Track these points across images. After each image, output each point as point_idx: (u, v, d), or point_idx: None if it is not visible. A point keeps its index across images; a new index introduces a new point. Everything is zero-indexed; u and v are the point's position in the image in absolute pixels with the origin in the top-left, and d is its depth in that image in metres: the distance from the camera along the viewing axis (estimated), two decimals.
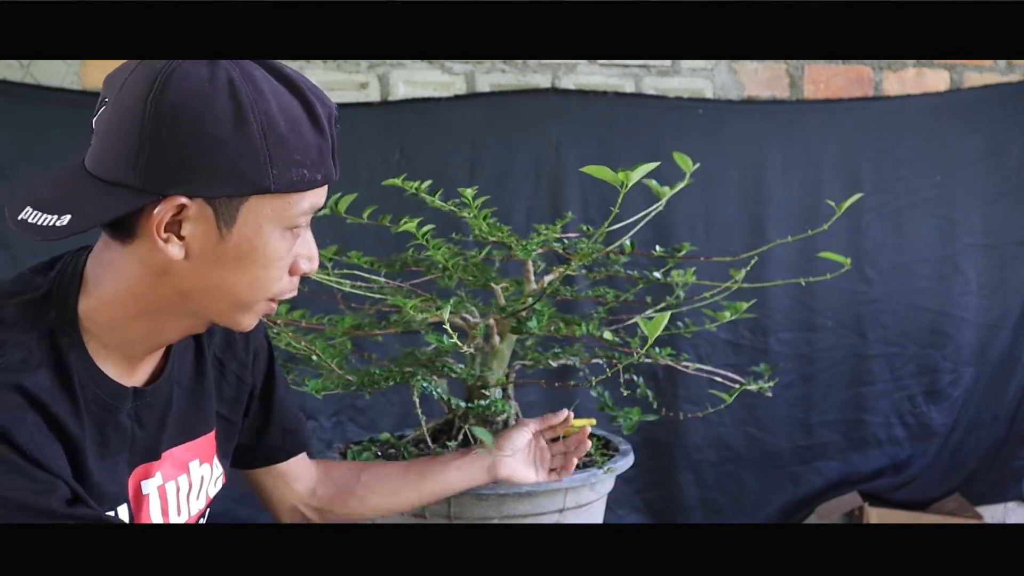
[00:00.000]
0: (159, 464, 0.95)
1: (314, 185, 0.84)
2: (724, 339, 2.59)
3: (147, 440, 0.92)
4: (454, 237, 1.39)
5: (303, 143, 0.81)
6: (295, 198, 0.83)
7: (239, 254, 0.83)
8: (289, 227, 0.84)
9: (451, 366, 1.37)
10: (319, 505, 1.18)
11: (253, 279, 0.85)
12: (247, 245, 0.83)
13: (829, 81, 2.73)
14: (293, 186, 0.82)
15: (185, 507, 0.99)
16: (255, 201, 0.81)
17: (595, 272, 1.46)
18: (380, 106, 2.45)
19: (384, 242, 1.74)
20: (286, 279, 0.88)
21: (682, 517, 2.64)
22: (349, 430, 2.43)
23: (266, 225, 0.83)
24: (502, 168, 2.48)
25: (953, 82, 2.79)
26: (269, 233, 0.83)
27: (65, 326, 0.84)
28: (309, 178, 0.82)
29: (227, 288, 0.85)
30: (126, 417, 0.89)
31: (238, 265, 0.84)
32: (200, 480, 1.02)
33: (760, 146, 2.63)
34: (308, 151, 0.82)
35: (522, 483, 1.19)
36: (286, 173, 0.81)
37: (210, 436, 1.03)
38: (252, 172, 0.80)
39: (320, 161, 0.83)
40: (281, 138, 0.80)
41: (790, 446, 2.70)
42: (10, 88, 2.24)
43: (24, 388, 0.79)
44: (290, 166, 0.81)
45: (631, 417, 1.35)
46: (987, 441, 2.79)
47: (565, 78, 2.56)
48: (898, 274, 2.72)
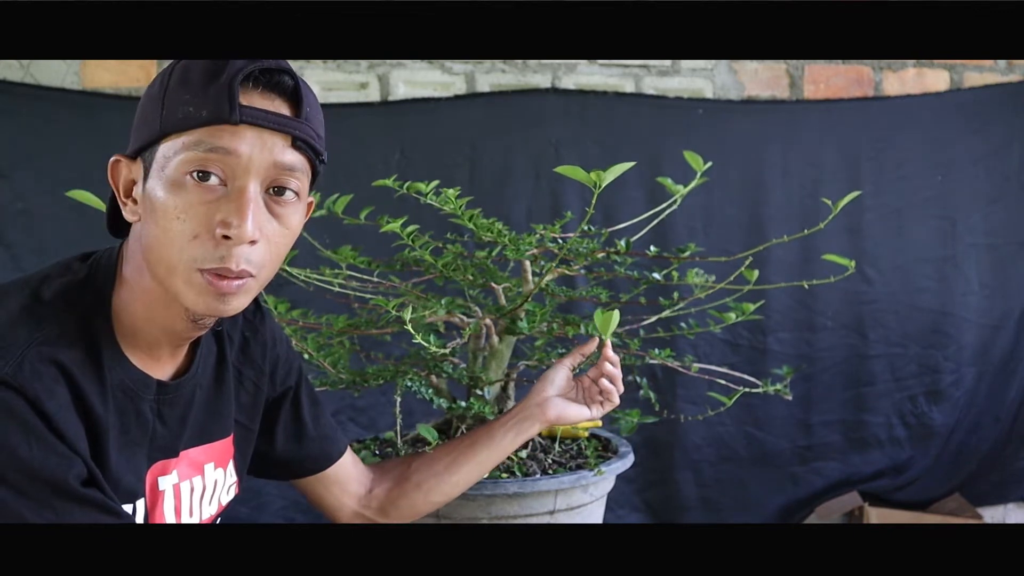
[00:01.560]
0: (177, 462, 0.95)
1: (198, 121, 0.81)
2: (722, 339, 2.59)
3: (167, 437, 0.93)
4: (449, 237, 1.39)
5: (191, 86, 0.82)
6: (188, 139, 0.82)
7: (150, 206, 0.84)
8: (184, 172, 0.82)
9: (444, 366, 1.37)
10: (379, 505, 1.17)
11: (163, 232, 0.83)
12: (153, 195, 0.84)
13: (829, 81, 2.73)
14: (179, 124, 0.82)
15: (198, 510, 1.00)
16: (161, 148, 0.83)
17: (595, 272, 1.46)
18: (380, 106, 2.45)
19: (386, 242, 1.74)
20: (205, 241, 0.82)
21: (682, 517, 2.64)
22: (349, 430, 2.43)
23: (166, 170, 0.83)
24: (502, 168, 2.48)
25: (953, 82, 2.79)
26: (168, 180, 0.83)
27: (99, 311, 0.87)
28: (194, 114, 0.81)
29: (152, 248, 0.84)
30: (148, 409, 0.90)
31: (151, 219, 0.84)
32: (214, 484, 1.02)
33: (760, 146, 2.63)
34: (196, 91, 0.82)
35: (576, 421, 1.18)
36: (173, 112, 0.82)
37: (227, 441, 1.03)
38: (152, 118, 0.84)
39: (205, 99, 0.81)
40: (174, 85, 0.83)
41: (790, 446, 2.70)
42: (10, 88, 2.24)
43: (60, 362, 0.81)
44: (177, 106, 0.82)
45: (631, 419, 1.35)
46: (988, 442, 2.78)
47: (565, 78, 2.56)
48: (899, 274, 2.72)
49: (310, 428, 1.13)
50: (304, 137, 0.85)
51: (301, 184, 0.87)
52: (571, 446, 1.40)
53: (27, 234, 2.19)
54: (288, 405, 1.12)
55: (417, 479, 1.15)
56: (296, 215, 0.88)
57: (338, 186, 1.47)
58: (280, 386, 1.10)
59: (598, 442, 1.41)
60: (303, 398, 1.13)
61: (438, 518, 1.21)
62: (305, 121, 0.85)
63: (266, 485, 2.41)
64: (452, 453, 1.16)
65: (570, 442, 1.42)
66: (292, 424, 1.12)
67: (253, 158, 0.82)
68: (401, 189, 1.26)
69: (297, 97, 0.85)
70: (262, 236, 0.84)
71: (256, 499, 2.40)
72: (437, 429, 1.40)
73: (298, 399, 1.12)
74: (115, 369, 0.86)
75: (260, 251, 0.85)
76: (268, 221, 0.85)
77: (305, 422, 1.12)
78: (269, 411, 1.10)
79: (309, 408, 1.14)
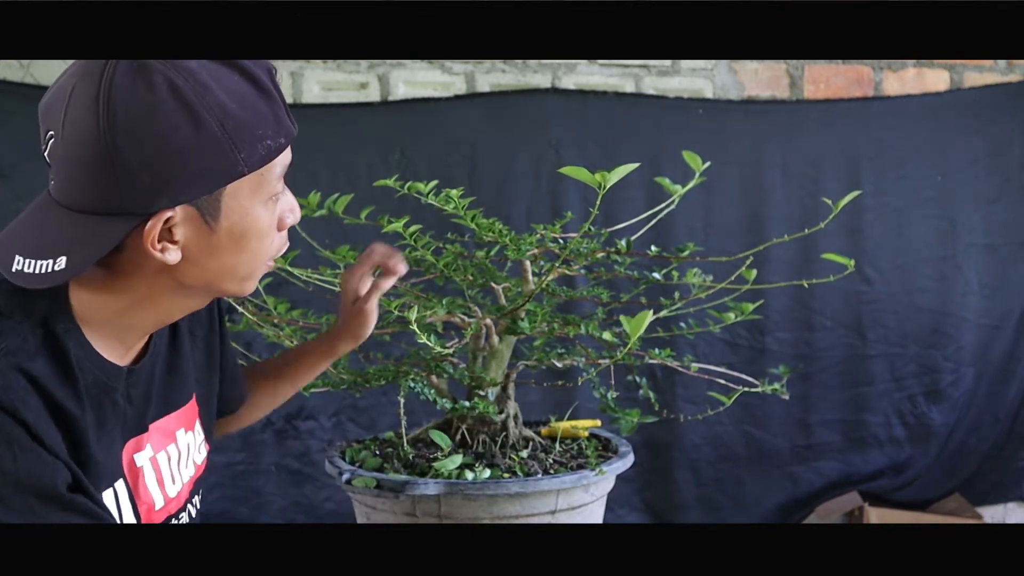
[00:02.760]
0: (148, 436, 0.97)
1: (281, 151, 0.85)
2: (721, 338, 2.59)
3: (135, 415, 0.94)
4: (450, 237, 1.39)
5: (259, 116, 0.82)
6: (267, 169, 0.85)
7: (232, 239, 0.86)
8: (269, 197, 0.87)
9: (444, 367, 1.37)
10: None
11: (252, 254, 0.88)
12: (238, 229, 0.85)
13: (829, 81, 2.73)
14: (263, 160, 0.83)
15: (178, 475, 1.02)
16: (233, 187, 0.83)
17: (595, 272, 1.46)
18: (380, 106, 2.46)
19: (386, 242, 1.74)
20: (276, 238, 0.91)
21: (681, 516, 2.64)
22: (349, 430, 2.43)
23: (250, 204, 0.85)
24: (502, 168, 2.48)
25: (953, 82, 2.79)
26: (255, 210, 0.86)
27: (59, 314, 0.85)
28: (274, 146, 0.84)
29: (230, 269, 0.88)
30: (120, 397, 0.91)
31: (234, 247, 0.86)
32: (187, 448, 1.04)
33: (760, 146, 2.63)
34: (265, 121, 0.83)
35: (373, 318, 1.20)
36: (254, 151, 0.82)
37: (191, 404, 1.06)
38: (223, 164, 0.81)
39: (278, 125, 0.84)
40: (238, 122, 0.80)
41: (789, 446, 2.70)
42: (10, 88, 2.24)
43: (27, 371, 0.80)
44: (254, 143, 0.82)
45: (631, 419, 1.35)
46: (988, 442, 2.79)
47: (565, 78, 2.56)
48: (898, 274, 2.72)
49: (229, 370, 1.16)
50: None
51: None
52: (571, 446, 1.41)
53: None
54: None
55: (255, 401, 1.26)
56: None
57: (338, 186, 1.47)
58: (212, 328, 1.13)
59: (598, 442, 1.41)
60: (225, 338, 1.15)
61: (440, 518, 1.21)
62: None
63: (266, 485, 2.41)
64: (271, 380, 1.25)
65: (570, 442, 1.42)
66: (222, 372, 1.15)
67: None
68: (402, 189, 1.27)
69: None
70: None
71: (256, 499, 2.40)
72: (437, 429, 1.40)
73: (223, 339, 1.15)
74: (88, 368, 0.86)
75: None
76: None
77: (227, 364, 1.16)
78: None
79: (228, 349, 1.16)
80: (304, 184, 1.10)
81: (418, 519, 1.23)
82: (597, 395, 1.38)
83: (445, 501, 1.20)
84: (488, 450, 1.33)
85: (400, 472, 1.26)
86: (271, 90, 0.84)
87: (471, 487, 1.18)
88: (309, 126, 2.40)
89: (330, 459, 1.33)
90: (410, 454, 1.33)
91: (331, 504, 2.45)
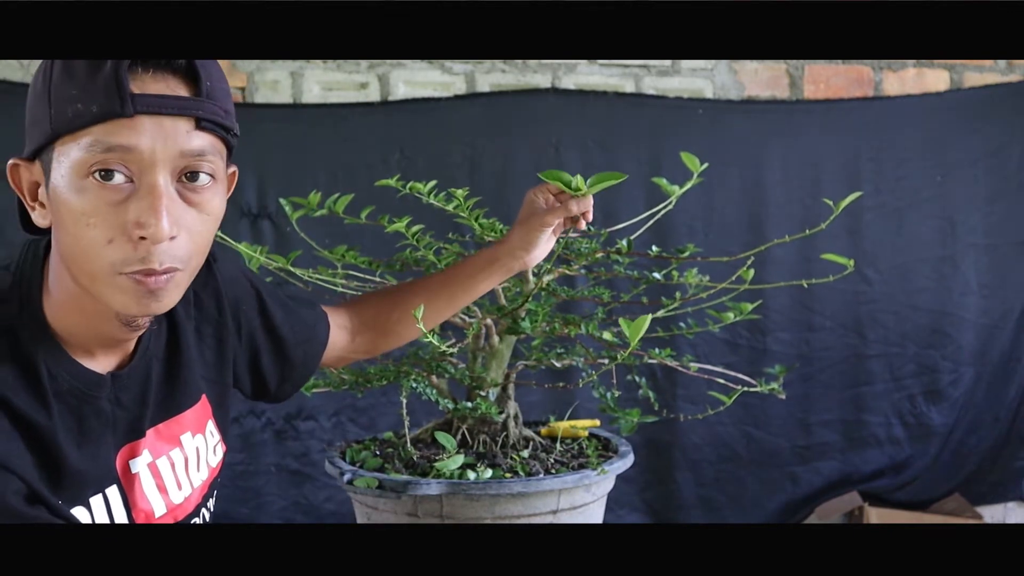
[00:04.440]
0: (144, 442, 0.94)
1: (90, 118, 0.76)
2: (722, 339, 2.59)
3: (129, 420, 0.92)
4: (451, 237, 1.39)
5: (76, 78, 0.77)
6: (84, 138, 0.77)
7: (56, 207, 0.80)
8: (84, 174, 0.77)
9: (445, 367, 1.37)
10: (364, 349, 1.24)
11: (76, 240, 0.79)
12: (57, 199, 0.79)
13: (829, 81, 2.73)
14: (71, 123, 0.77)
15: (186, 480, 0.99)
16: (59, 148, 0.78)
17: (595, 272, 1.46)
18: (380, 106, 2.46)
19: (387, 242, 1.74)
20: (122, 245, 0.78)
21: (682, 517, 2.64)
22: (349, 430, 2.43)
23: (67, 173, 0.78)
24: (502, 168, 2.48)
25: (953, 82, 2.79)
26: (70, 182, 0.78)
27: (29, 321, 0.83)
28: (83, 112, 0.76)
29: (70, 255, 0.81)
30: (106, 402, 0.88)
31: (60, 221, 0.80)
32: (196, 452, 1.01)
33: (760, 146, 2.63)
34: (82, 84, 0.76)
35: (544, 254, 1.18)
36: (62, 112, 0.77)
37: (199, 406, 1.02)
38: (42, 117, 0.79)
39: (94, 91, 0.76)
40: (58, 79, 0.78)
41: (789, 446, 2.70)
42: (10, 88, 2.24)
43: None
44: (65, 103, 0.77)
45: (631, 419, 1.35)
46: (987, 441, 2.79)
47: (565, 78, 2.56)
48: (898, 274, 2.72)
49: (290, 341, 1.13)
50: (208, 117, 0.80)
51: (215, 166, 0.82)
52: (572, 446, 1.41)
53: (27, 234, 2.19)
54: (263, 335, 1.11)
55: (400, 331, 1.20)
56: (216, 198, 0.83)
57: (338, 186, 1.47)
58: (249, 324, 1.09)
59: (598, 442, 1.42)
60: (274, 315, 1.11)
61: (442, 518, 1.21)
62: (207, 99, 0.80)
63: (266, 484, 2.41)
64: (433, 305, 1.17)
65: (571, 442, 1.42)
66: (273, 351, 1.12)
67: (156, 150, 0.77)
68: (404, 189, 1.27)
69: (194, 73, 0.80)
70: (181, 229, 0.80)
71: (256, 499, 2.40)
72: (438, 429, 1.40)
73: (270, 322, 1.11)
74: (61, 376, 0.84)
75: (182, 244, 0.81)
76: (185, 212, 0.80)
77: (284, 338, 1.13)
78: (252, 354, 1.10)
79: (283, 320, 1.13)
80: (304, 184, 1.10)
81: (420, 519, 1.23)
82: (597, 395, 1.38)
83: (447, 501, 1.20)
84: (489, 450, 1.33)
85: (401, 472, 1.26)
86: (107, 64, 0.76)
87: (474, 487, 1.18)
88: (309, 126, 2.42)
89: (330, 459, 1.32)
90: (413, 455, 1.33)
91: (331, 504, 2.45)
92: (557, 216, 1.12)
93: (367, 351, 1.24)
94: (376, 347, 1.24)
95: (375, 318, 1.22)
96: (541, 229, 1.14)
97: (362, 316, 1.23)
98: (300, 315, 1.16)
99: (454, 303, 1.19)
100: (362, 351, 1.24)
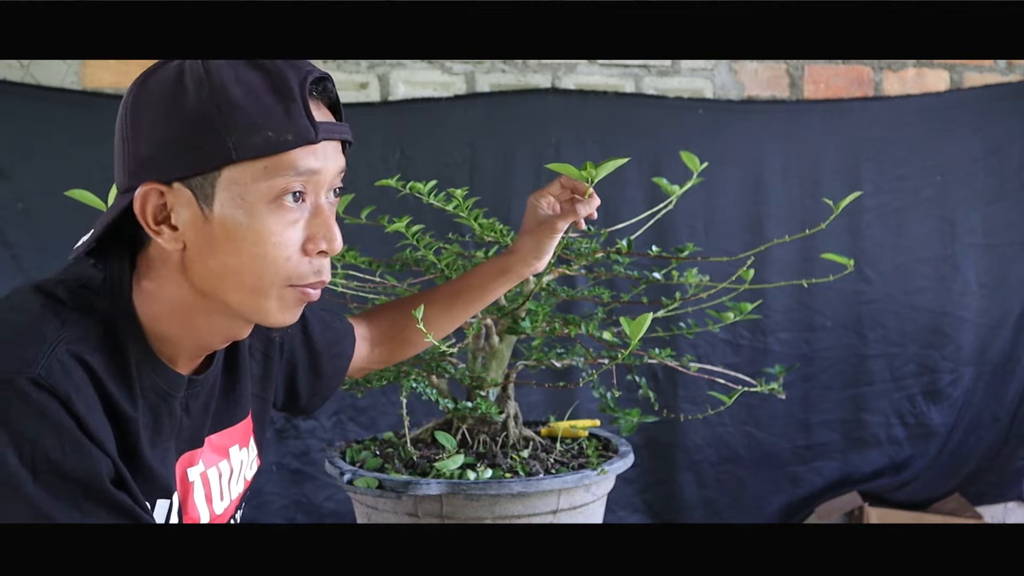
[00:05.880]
0: (201, 451, 0.95)
1: (283, 146, 0.80)
2: (723, 339, 2.59)
3: (192, 428, 0.93)
4: (451, 237, 1.39)
5: (263, 107, 0.79)
6: (270, 164, 0.80)
7: (227, 233, 0.81)
8: (273, 197, 0.81)
9: (446, 366, 1.37)
10: (382, 359, 1.25)
11: (252, 259, 0.82)
12: (232, 222, 0.81)
13: (829, 81, 2.73)
14: (258, 151, 0.79)
15: (227, 492, 1.00)
16: (228, 174, 0.80)
17: (595, 272, 1.46)
18: (380, 106, 2.46)
19: (387, 242, 1.74)
20: (299, 260, 0.84)
21: (682, 517, 2.64)
22: (349, 430, 2.43)
23: (247, 197, 0.80)
24: (502, 168, 2.48)
25: (953, 82, 2.79)
26: (252, 205, 0.81)
27: (122, 314, 0.85)
28: (276, 140, 0.79)
29: (231, 273, 0.83)
30: (178, 406, 0.90)
31: (231, 246, 0.82)
32: (240, 464, 1.03)
33: (760, 146, 2.63)
34: (270, 114, 0.79)
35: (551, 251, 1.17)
36: (247, 139, 0.79)
37: (247, 420, 1.04)
38: (210, 143, 0.79)
39: (287, 122, 0.80)
40: (234, 105, 0.79)
41: (790, 446, 2.70)
42: (10, 88, 2.24)
43: (86, 363, 0.79)
44: (251, 131, 0.79)
45: (631, 419, 1.35)
46: (987, 441, 2.79)
47: (565, 78, 2.56)
48: (898, 274, 2.72)
49: (324, 355, 1.15)
50: (352, 140, 0.88)
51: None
52: (572, 446, 1.41)
53: (28, 234, 2.19)
54: (303, 350, 1.13)
55: (414, 339, 1.21)
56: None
57: None
58: (292, 339, 1.11)
59: (598, 442, 1.42)
60: (313, 330, 1.13)
61: (442, 518, 1.21)
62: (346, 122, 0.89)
63: (266, 484, 2.41)
64: (448, 316, 1.20)
65: (571, 442, 1.42)
66: (309, 366, 1.14)
67: (329, 171, 0.84)
68: (404, 189, 1.27)
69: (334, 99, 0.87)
70: None
71: (256, 499, 2.40)
72: (438, 429, 1.40)
73: (310, 337, 1.13)
74: (146, 372, 0.85)
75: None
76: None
77: (320, 353, 1.14)
78: (290, 368, 1.12)
79: (320, 334, 1.15)
80: None
81: (420, 519, 1.23)
82: (597, 395, 1.38)
83: (447, 501, 1.20)
84: (489, 450, 1.33)
85: (401, 472, 1.26)
86: (292, 90, 0.80)
87: (474, 487, 1.18)
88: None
89: (330, 459, 1.33)
90: (413, 454, 1.33)
91: (331, 504, 2.45)
92: (567, 221, 1.13)
93: (384, 361, 1.26)
94: (393, 357, 1.25)
95: (391, 329, 1.23)
96: (552, 236, 1.14)
97: (380, 327, 1.24)
98: (334, 328, 1.17)
99: (467, 312, 1.21)
100: (379, 362, 1.25)
